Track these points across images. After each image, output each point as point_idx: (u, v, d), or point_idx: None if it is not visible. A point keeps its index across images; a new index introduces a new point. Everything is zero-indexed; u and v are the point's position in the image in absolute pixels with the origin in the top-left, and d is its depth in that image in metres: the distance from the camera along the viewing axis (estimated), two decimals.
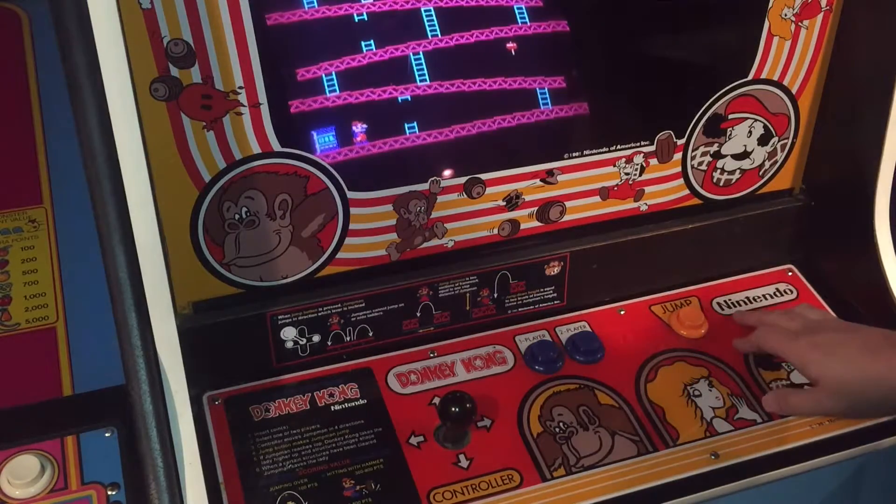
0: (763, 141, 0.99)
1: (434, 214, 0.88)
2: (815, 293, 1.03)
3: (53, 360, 0.83)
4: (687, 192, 0.99)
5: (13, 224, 0.93)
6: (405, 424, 0.85)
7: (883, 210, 0.96)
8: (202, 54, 0.73)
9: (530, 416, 0.87)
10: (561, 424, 0.86)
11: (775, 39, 0.93)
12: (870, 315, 0.96)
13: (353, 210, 0.85)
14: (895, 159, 0.94)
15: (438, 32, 0.83)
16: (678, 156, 0.96)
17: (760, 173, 1.01)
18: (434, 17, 0.83)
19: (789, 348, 0.88)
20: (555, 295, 0.97)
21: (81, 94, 0.64)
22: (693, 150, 0.96)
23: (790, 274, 1.05)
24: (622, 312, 0.99)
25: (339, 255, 0.87)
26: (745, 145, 0.98)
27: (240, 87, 0.76)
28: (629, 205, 0.96)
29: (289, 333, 0.88)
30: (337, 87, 0.81)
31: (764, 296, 1.02)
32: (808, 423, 0.88)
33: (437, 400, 0.85)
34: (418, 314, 0.92)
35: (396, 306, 0.90)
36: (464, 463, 0.82)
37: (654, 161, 0.95)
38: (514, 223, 0.92)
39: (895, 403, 0.84)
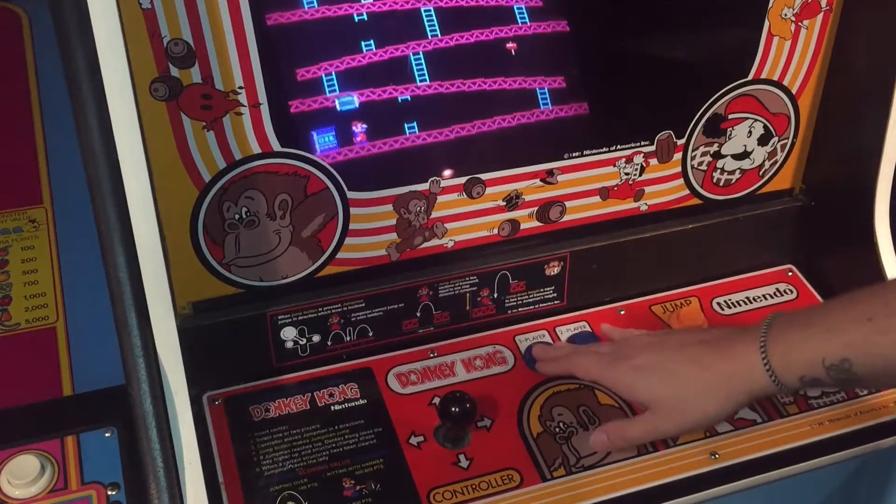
0: (763, 141, 0.99)
1: (434, 214, 0.88)
2: (815, 293, 1.03)
3: (53, 360, 0.83)
4: (687, 192, 0.99)
5: (13, 224, 0.93)
6: (405, 424, 0.85)
7: (883, 210, 0.96)
8: (202, 54, 0.73)
9: (530, 416, 0.87)
10: (561, 424, 0.86)
11: (775, 39, 0.93)
12: None
13: (353, 210, 0.85)
14: (895, 159, 0.94)
15: (438, 32, 0.83)
16: (678, 156, 0.96)
17: (760, 173, 1.01)
18: (434, 17, 0.83)
19: (609, 375, 0.84)
20: (555, 295, 0.97)
21: (81, 94, 0.64)
22: (693, 150, 0.96)
23: (790, 274, 1.05)
24: (622, 312, 0.99)
25: (339, 255, 0.87)
26: (745, 145, 0.98)
27: (240, 87, 0.76)
28: (629, 205, 0.96)
29: (289, 333, 0.88)
30: (337, 87, 0.81)
31: (764, 296, 1.02)
32: (808, 423, 0.88)
33: (437, 400, 0.85)
34: (418, 314, 0.92)
35: (396, 306, 0.90)
36: (464, 463, 0.82)
37: (654, 161, 0.95)
38: (514, 223, 0.92)
39: (730, 413, 0.80)
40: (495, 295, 0.94)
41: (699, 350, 0.80)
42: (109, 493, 0.74)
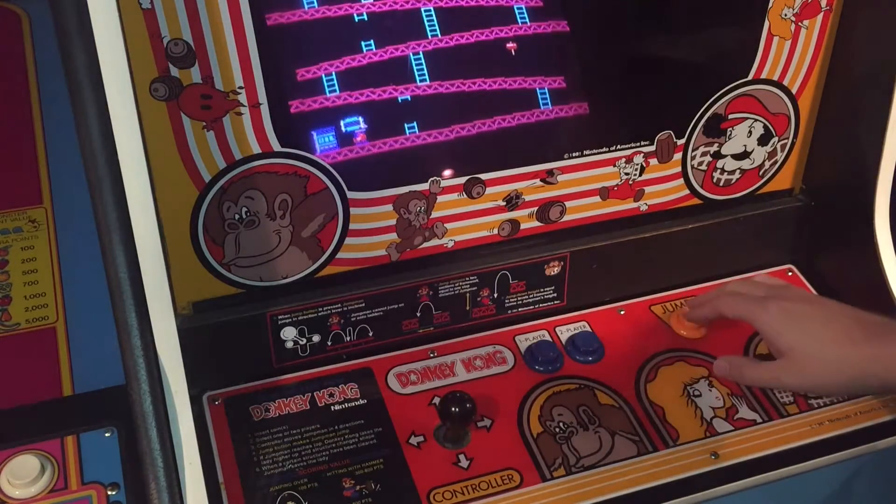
0: (763, 141, 0.99)
1: (434, 214, 0.88)
2: (814, 293, 1.03)
3: (53, 360, 0.83)
4: (687, 192, 0.99)
5: (13, 224, 0.93)
6: (405, 424, 0.85)
7: (883, 210, 0.96)
8: (202, 54, 0.73)
9: (530, 416, 0.87)
10: (561, 424, 0.86)
11: (775, 39, 0.93)
12: None
13: (353, 210, 0.85)
14: (895, 159, 0.94)
15: (438, 32, 0.84)
16: (678, 156, 0.96)
17: (760, 173, 1.01)
18: (434, 17, 0.83)
19: (757, 313, 0.83)
20: (555, 295, 0.97)
21: (81, 94, 0.64)
22: (693, 150, 0.96)
23: (790, 274, 1.05)
24: (622, 312, 0.99)
25: (339, 255, 0.87)
26: (745, 145, 0.98)
27: (240, 87, 0.76)
28: (629, 205, 0.96)
29: (289, 333, 0.88)
30: (337, 87, 0.81)
31: None
32: (808, 423, 0.88)
33: (437, 400, 0.85)
34: (418, 314, 0.92)
35: (396, 306, 0.90)
36: (464, 463, 0.82)
37: (654, 161, 0.95)
38: (514, 223, 0.92)
39: (856, 393, 0.81)
40: (495, 295, 0.94)
41: (853, 324, 0.80)
42: (109, 493, 0.74)
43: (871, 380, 0.79)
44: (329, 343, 0.90)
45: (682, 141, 0.95)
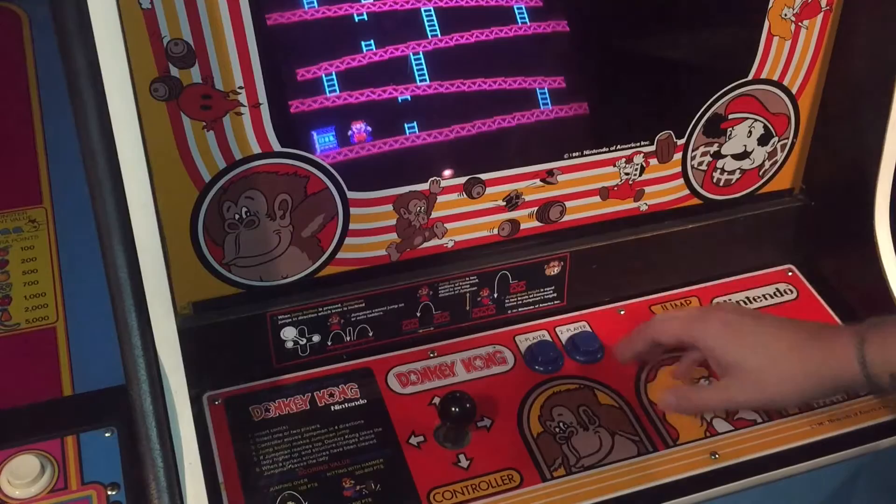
0: (763, 141, 0.99)
1: (434, 214, 0.88)
2: (815, 293, 1.03)
3: (53, 360, 0.83)
4: (687, 192, 0.99)
5: (13, 224, 0.93)
6: (405, 424, 0.85)
7: (883, 210, 0.96)
8: (202, 54, 0.73)
9: (530, 416, 0.87)
10: (561, 424, 0.86)
11: (775, 39, 0.93)
12: (870, 315, 0.96)
13: (353, 210, 0.85)
14: (895, 159, 0.94)
15: (438, 32, 0.83)
16: (678, 156, 0.96)
17: (760, 173, 1.01)
18: (434, 17, 0.83)
19: (698, 329, 0.80)
20: (555, 295, 0.97)
21: (81, 94, 0.64)
22: (693, 150, 0.96)
23: (790, 274, 1.05)
24: (622, 312, 0.99)
25: (339, 255, 0.87)
26: (745, 145, 0.98)
27: (240, 87, 0.76)
28: (629, 205, 0.96)
29: (289, 333, 0.88)
30: (337, 87, 0.81)
31: (764, 296, 1.02)
32: (808, 423, 0.88)
33: (437, 400, 0.85)
34: (418, 314, 0.92)
35: (396, 306, 0.90)
36: (464, 463, 0.82)
37: (654, 161, 0.95)
38: (514, 223, 0.92)
39: (810, 398, 0.79)
40: (495, 295, 0.94)
41: (795, 330, 0.79)
42: (109, 493, 0.74)
43: (825, 381, 0.77)
44: (329, 343, 0.90)
45: (682, 141, 0.95)
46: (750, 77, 0.94)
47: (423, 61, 0.83)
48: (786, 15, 0.92)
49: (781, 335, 0.79)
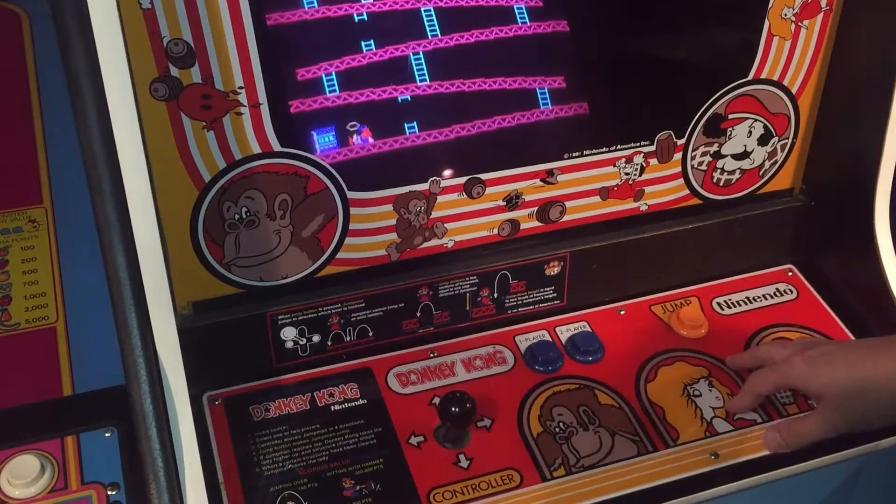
0: (763, 141, 0.99)
1: (434, 214, 0.88)
2: (815, 293, 1.03)
3: (53, 360, 0.83)
4: (687, 192, 0.99)
5: (13, 224, 0.93)
6: (405, 424, 0.85)
7: (883, 210, 0.96)
8: (202, 54, 0.73)
9: (530, 416, 0.87)
10: (561, 424, 0.86)
11: (775, 39, 0.93)
12: (870, 315, 0.96)
13: (353, 210, 0.85)
14: (895, 159, 0.94)
15: (438, 32, 0.83)
16: (678, 156, 0.96)
17: (760, 173, 1.01)
18: (434, 17, 0.83)
19: (788, 374, 0.84)
20: (555, 295, 0.97)
21: (81, 94, 0.64)
22: (693, 150, 0.96)
23: (790, 274, 1.05)
24: (622, 312, 0.99)
25: (339, 255, 0.87)
26: (745, 145, 0.98)
27: (240, 87, 0.76)
28: (629, 205, 0.96)
29: (289, 333, 0.88)
30: (337, 87, 0.81)
31: (764, 296, 1.02)
32: None
33: (437, 400, 0.85)
34: (418, 314, 0.92)
35: (396, 306, 0.90)
36: (464, 463, 0.82)
37: (654, 161, 0.95)
38: (514, 223, 0.92)
39: None
40: (495, 295, 0.94)
41: (874, 346, 0.82)
42: (109, 493, 0.74)
43: None
44: (329, 343, 0.90)
45: (682, 141, 0.95)
46: (750, 77, 0.94)
47: (423, 61, 0.83)
48: (786, 15, 0.92)
49: (858, 350, 0.83)
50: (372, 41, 0.81)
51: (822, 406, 0.82)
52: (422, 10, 0.83)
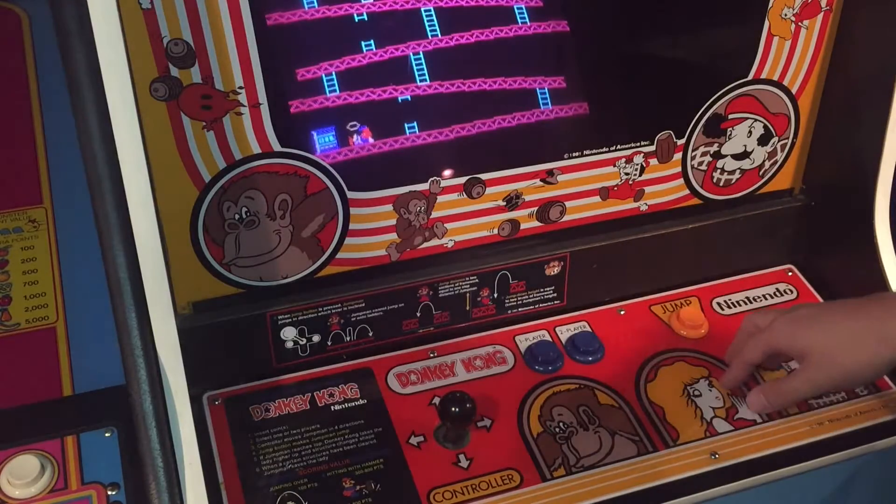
0: (763, 141, 0.99)
1: (434, 214, 0.88)
2: (815, 293, 1.03)
3: (53, 360, 0.83)
4: (687, 192, 0.99)
5: (13, 224, 0.93)
6: (405, 424, 0.85)
7: (883, 210, 0.96)
8: (202, 54, 0.73)
9: (530, 416, 0.87)
10: (561, 424, 0.86)
11: (775, 39, 0.93)
12: None
13: (353, 210, 0.85)
14: (895, 159, 0.94)
15: (438, 32, 0.84)
16: (678, 156, 0.96)
17: (760, 173, 1.01)
18: (434, 17, 0.83)
19: (770, 338, 0.85)
20: (555, 295, 0.97)
21: (81, 94, 0.64)
22: (693, 150, 0.96)
23: (790, 274, 1.05)
24: (622, 312, 0.99)
25: (339, 255, 0.87)
26: (745, 145, 0.98)
27: (240, 87, 0.76)
28: (629, 205, 0.96)
29: (289, 333, 0.88)
30: (337, 87, 0.81)
31: (764, 296, 1.02)
32: (808, 423, 0.88)
33: (437, 400, 0.85)
34: (418, 314, 0.92)
35: (396, 306, 0.90)
36: (464, 463, 0.82)
37: (654, 161, 0.95)
38: (514, 223, 0.92)
39: (887, 361, 0.81)
40: (495, 295, 0.94)
41: (854, 304, 0.83)
42: (109, 493, 0.74)
43: (893, 343, 0.80)
44: (329, 343, 0.90)
45: (682, 141, 0.95)
46: (750, 77, 0.94)
47: (423, 61, 0.83)
48: (786, 15, 0.92)
49: (841, 312, 0.83)
50: (372, 41, 0.82)
51: (806, 365, 0.83)
52: (422, 10, 0.83)
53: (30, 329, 0.85)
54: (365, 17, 0.81)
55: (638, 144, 0.93)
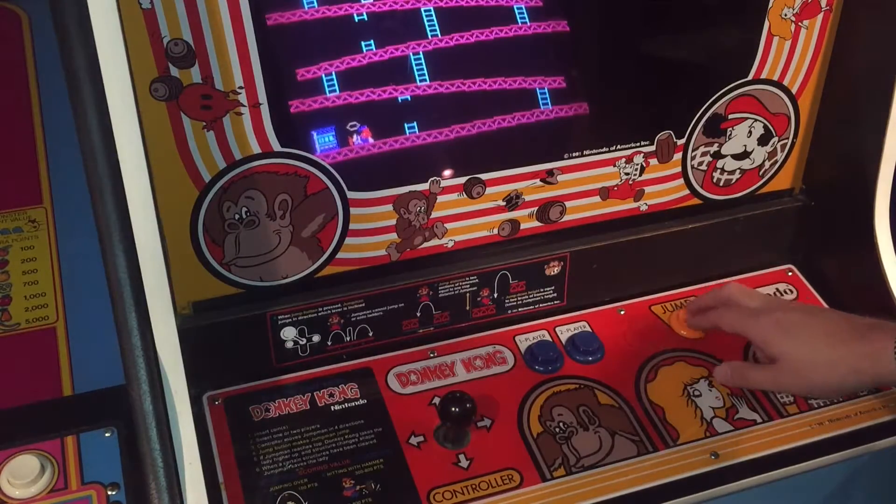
0: (763, 141, 0.99)
1: (434, 214, 0.88)
2: (815, 293, 1.03)
3: (53, 360, 0.83)
4: (687, 192, 0.99)
5: (13, 224, 0.93)
6: (405, 424, 0.85)
7: (883, 210, 0.96)
8: (202, 54, 0.73)
9: (530, 416, 0.87)
10: (561, 424, 0.86)
11: (775, 39, 0.93)
12: (869, 315, 0.96)
13: (353, 210, 0.85)
14: (895, 159, 0.94)
15: (438, 32, 0.83)
16: (678, 156, 0.96)
17: (760, 173, 1.01)
18: (434, 17, 0.83)
19: (750, 326, 0.88)
20: (555, 295, 0.97)
21: (81, 94, 0.64)
22: (693, 150, 0.96)
23: (790, 274, 1.05)
24: (622, 312, 0.99)
25: (339, 255, 0.87)
26: (745, 145, 0.98)
27: (240, 87, 0.76)
28: (629, 205, 0.96)
29: (289, 333, 0.88)
30: (337, 87, 0.81)
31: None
32: (808, 423, 0.88)
33: (437, 400, 0.85)
34: (418, 314, 0.92)
35: (396, 306, 0.90)
36: (464, 463, 0.82)
37: (654, 161, 0.95)
38: (514, 223, 0.92)
39: (851, 389, 0.86)
40: (495, 295, 0.94)
41: (842, 326, 0.84)
42: (109, 493, 0.74)
43: (864, 376, 0.81)
44: (329, 343, 0.90)
45: (682, 141, 0.95)
46: (750, 77, 0.94)
47: (423, 61, 0.83)
48: (786, 15, 0.92)
49: (826, 331, 0.84)
50: (372, 41, 0.81)
51: (777, 368, 0.86)
52: (422, 10, 0.83)
53: (30, 329, 0.85)
54: (365, 17, 0.81)
55: (638, 144, 0.93)
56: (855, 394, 0.90)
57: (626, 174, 0.94)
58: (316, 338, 0.89)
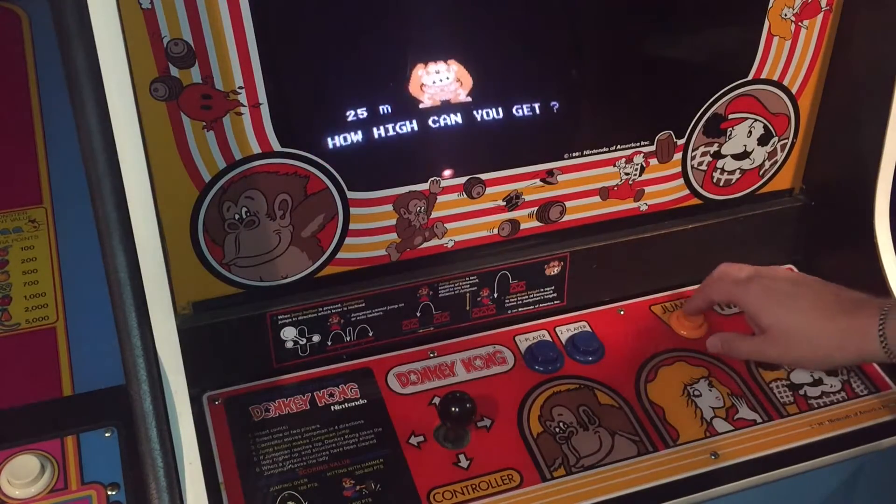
0: (763, 141, 0.99)
1: (434, 214, 0.88)
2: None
3: (53, 360, 0.83)
4: (687, 192, 0.99)
5: (13, 224, 0.93)
6: (405, 424, 0.85)
7: (883, 210, 0.96)
8: (202, 54, 0.73)
9: (530, 416, 0.87)
10: (561, 424, 0.86)
11: (775, 39, 0.93)
12: None
13: (353, 210, 0.85)
14: (895, 159, 0.94)
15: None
16: (678, 156, 0.96)
17: (760, 173, 1.01)
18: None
19: (741, 293, 0.89)
20: (555, 295, 0.97)
21: (81, 94, 0.64)
22: (693, 150, 0.96)
23: None
24: (622, 312, 0.99)
25: (339, 255, 0.87)
26: (745, 145, 0.98)
27: (240, 87, 0.76)
28: (629, 205, 0.96)
29: (289, 333, 0.88)
30: (337, 87, 0.80)
31: None
32: (808, 423, 0.88)
33: (437, 400, 0.85)
34: (418, 314, 0.92)
35: (396, 306, 0.90)
36: (464, 463, 0.82)
37: (654, 161, 0.95)
38: (514, 223, 0.92)
39: (836, 364, 0.88)
40: (495, 295, 0.94)
41: (831, 300, 0.85)
42: (109, 493, 0.74)
43: (848, 353, 0.82)
44: (329, 343, 0.90)
45: (682, 141, 0.95)
46: (750, 77, 0.94)
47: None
48: (786, 15, 0.92)
49: (815, 303, 0.85)
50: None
51: (765, 338, 0.87)
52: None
53: (30, 329, 0.85)
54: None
55: (638, 144, 0.93)
56: (838, 370, 0.92)
57: (626, 174, 0.94)
58: (316, 338, 0.89)
